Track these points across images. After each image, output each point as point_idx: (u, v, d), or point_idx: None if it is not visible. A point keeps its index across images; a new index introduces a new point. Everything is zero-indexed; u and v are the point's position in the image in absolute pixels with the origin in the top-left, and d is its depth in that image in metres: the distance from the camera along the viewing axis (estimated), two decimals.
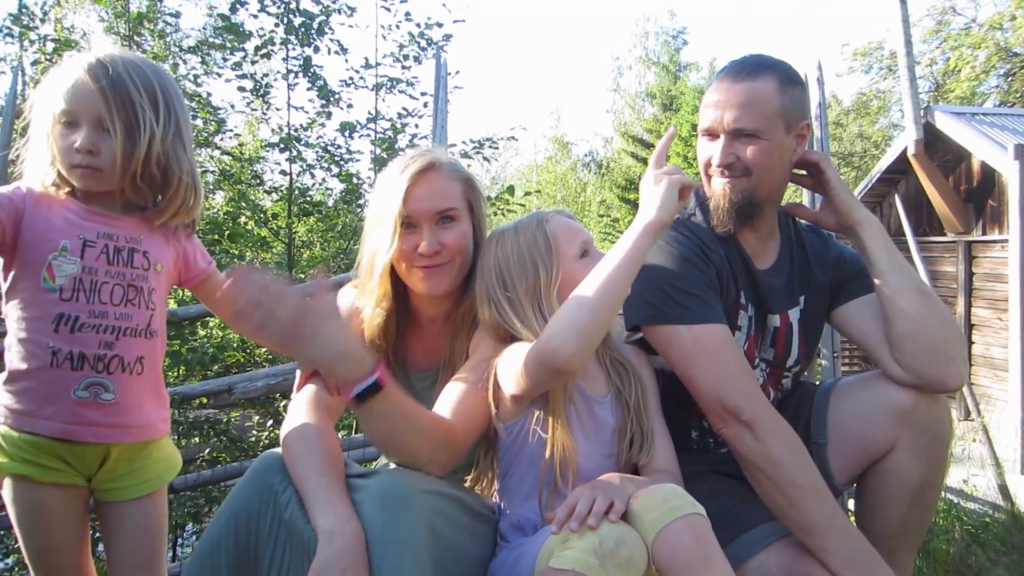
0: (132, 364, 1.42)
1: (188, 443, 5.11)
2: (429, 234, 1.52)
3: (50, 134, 1.34)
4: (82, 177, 1.36)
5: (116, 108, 1.32)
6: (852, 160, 21.28)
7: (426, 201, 1.52)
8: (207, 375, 4.91)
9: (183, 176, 1.44)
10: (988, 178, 8.49)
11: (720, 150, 1.58)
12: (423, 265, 1.53)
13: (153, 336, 1.47)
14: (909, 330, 1.53)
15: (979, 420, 5.10)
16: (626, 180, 21.84)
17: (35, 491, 1.38)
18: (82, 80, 1.30)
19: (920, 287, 1.57)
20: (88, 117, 1.32)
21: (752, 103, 1.54)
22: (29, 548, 1.41)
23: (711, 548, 1.17)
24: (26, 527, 1.41)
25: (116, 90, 1.32)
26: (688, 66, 23.43)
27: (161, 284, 1.49)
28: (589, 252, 1.50)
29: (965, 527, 3.35)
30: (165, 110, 1.37)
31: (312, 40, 5.60)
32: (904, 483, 1.57)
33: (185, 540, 4.42)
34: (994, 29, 16.03)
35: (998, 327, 8.40)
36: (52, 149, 1.35)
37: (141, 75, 1.35)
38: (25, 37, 5.19)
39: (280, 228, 5.92)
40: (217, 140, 5.94)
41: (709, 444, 1.74)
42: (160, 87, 1.38)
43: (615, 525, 1.17)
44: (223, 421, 5.19)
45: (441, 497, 1.32)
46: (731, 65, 1.62)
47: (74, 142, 1.31)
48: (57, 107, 1.32)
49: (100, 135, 1.33)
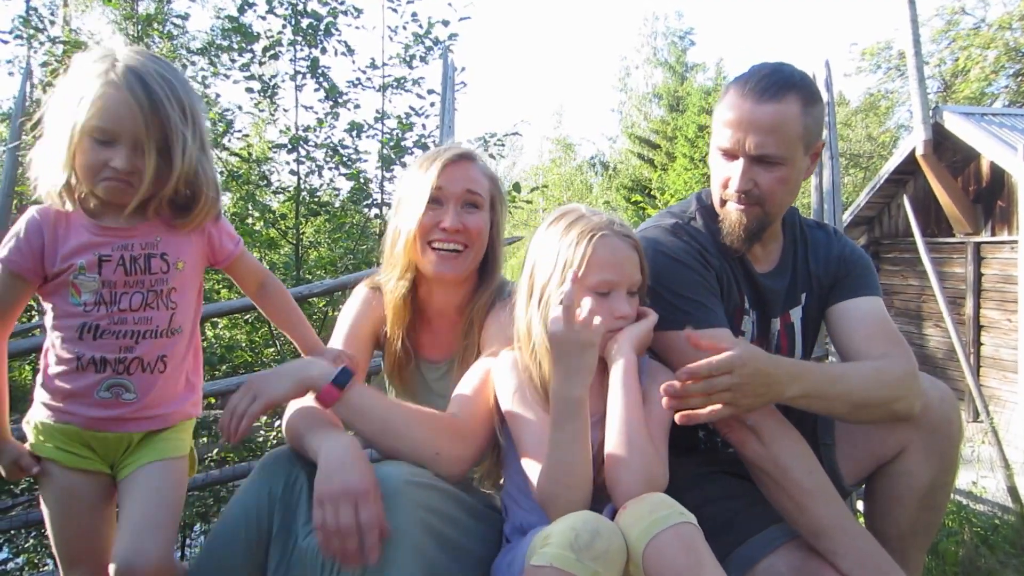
0: (153, 364, 1.48)
1: (196, 443, 5.14)
2: (454, 212, 1.60)
3: (74, 146, 1.32)
4: (109, 189, 1.36)
5: (154, 129, 1.32)
6: (860, 161, 21.20)
7: (457, 183, 1.62)
8: (215, 375, 4.93)
9: (208, 189, 1.47)
10: (997, 179, 8.44)
11: (740, 175, 1.54)
12: (440, 247, 1.60)
13: (175, 334, 1.50)
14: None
15: (988, 422, 5.07)
16: (632, 181, 21.80)
17: (63, 476, 1.49)
18: (120, 98, 1.28)
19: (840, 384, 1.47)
20: (127, 138, 1.31)
21: (776, 129, 1.49)
22: (55, 534, 1.50)
23: (703, 557, 1.15)
24: (54, 509, 1.50)
25: (155, 109, 1.30)
26: (695, 67, 23.37)
27: (186, 278, 1.51)
28: (612, 294, 1.43)
29: (974, 529, 3.33)
30: (193, 123, 1.37)
31: (319, 41, 5.62)
32: (914, 484, 1.56)
33: (193, 540, 4.44)
34: (1003, 29, 15.94)
35: (1007, 328, 8.35)
36: (74, 160, 1.34)
37: (172, 88, 1.34)
38: (35, 39, 5.22)
39: (288, 229, 5.93)
40: (225, 141, 5.96)
41: (716, 444, 1.74)
42: (187, 97, 1.38)
43: (591, 518, 1.17)
44: None
45: (433, 491, 1.32)
46: (753, 79, 1.53)
47: (108, 160, 1.31)
48: (88, 122, 1.30)
49: (138, 155, 1.33)
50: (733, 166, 1.55)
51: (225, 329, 6.35)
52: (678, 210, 1.75)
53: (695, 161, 17.82)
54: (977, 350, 8.82)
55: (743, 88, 1.53)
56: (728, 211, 1.61)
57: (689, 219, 1.70)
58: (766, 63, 1.58)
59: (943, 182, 8.61)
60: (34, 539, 4.69)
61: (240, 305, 4.56)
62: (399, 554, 1.20)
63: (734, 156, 1.55)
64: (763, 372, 1.32)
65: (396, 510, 1.22)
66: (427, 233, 1.60)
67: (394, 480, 1.25)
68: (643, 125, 24.52)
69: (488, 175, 1.69)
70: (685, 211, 1.73)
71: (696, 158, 17.81)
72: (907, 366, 1.51)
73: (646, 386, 1.44)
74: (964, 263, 8.97)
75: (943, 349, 9.27)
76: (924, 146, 8.43)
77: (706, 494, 1.58)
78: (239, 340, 6.50)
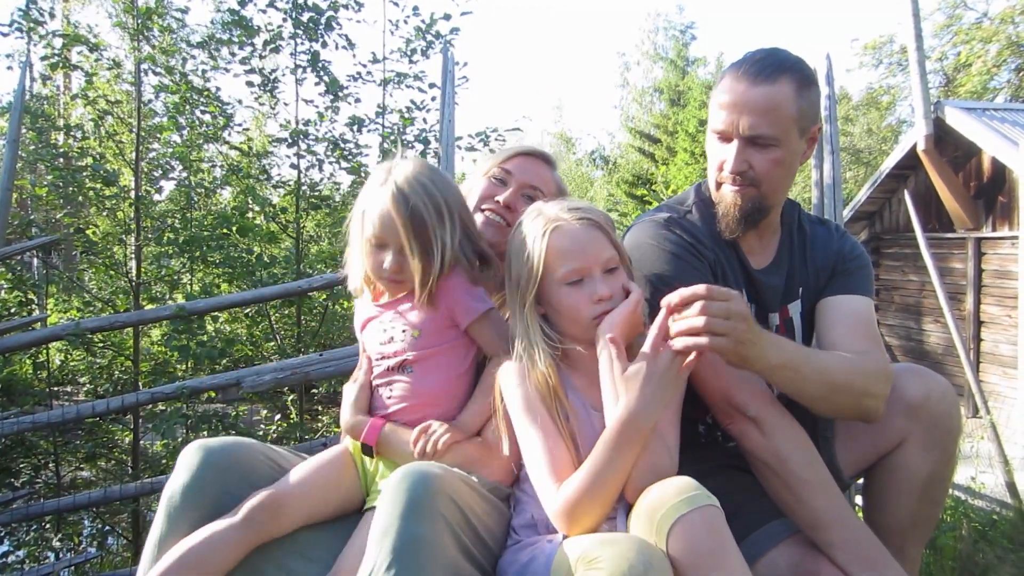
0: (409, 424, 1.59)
1: (196, 437, 5.15)
2: (513, 192, 1.73)
3: (364, 251, 1.58)
4: (389, 286, 1.63)
5: (415, 235, 1.52)
6: (861, 156, 21.16)
7: (524, 173, 1.77)
8: (215, 369, 4.94)
9: (464, 261, 1.60)
10: (998, 174, 8.43)
11: (734, 156, 1.54)
12: (489, 215, 1.73)
13: (420, 397, 1.59)
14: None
15: (987, 418, 5.08)
16: (633, 176, 21.76)
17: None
18: (388, 212, 1.52)
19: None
20: (393, 245, 1.55)
21: (770, 110, 1.50)
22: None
23: (726, 542, 1.16)
24: None
25: (415, 220, 1.51)
26: (696, 61, 23.29)
27: (424, 347, 1.59)
28: (585, 280, 1.42)
29: (972, 524, 3.34)
30: (450, 220, 1.55)
31: (320, 35, 5.61)
32: (913, 477, 1.57)
33: None
34: (1006, 23, 15.89)
35: (1007, 324, 8.35)
36: (364, 261, 1.60)
37: (431, 195, 1.53)
38: (35, 32, 5.21)
39: (288, 223, 5.93)
40: (225, 135, 5.96)
41: (717, 438, 1.74)
42: (444, 199, 1.55)
43: (644, 548, 1.15)
44: (231, 415, 5.23)
45: (458, 502, 1.31)
46: (747, 62, 1.55)
47: (382, 262, 1.55)
48: (368, 231, 1.55)
49: (404, 258, 1.55)
50: (728, 148, 1.56)
51: (226, 323, 6.35)
52: (674, 203, 1.75)
53: (696, 156, 17.76)
54: (977, 346, 8.82)
55: (738, 71, 1.54)
56: (723, 194, 1.61)
57: (685, 212, 1.70)
58: (762, 48, 1.58)
59: (944, 177, 8.59)
60: (35, 532, 4.71)
61: (240, 299, 4.57)
62: (428, 563, 1.19)
63: (728, 138, 1.56)
64: (753, 322, 1.32)
65: (427, 520, 1.21)
66: (483, 202, 1.74)
67: (427, 489, 1.24)
68: (644, 119, 24.46)
69: (559, 184, 1.82)
70: (682, 203, 1.73)
71: (697, 153, 17.75)
72: (884, 366, 1.51)
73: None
74: (965, 259, 8.97)
75: (943, 345, 9.27)
76: (925, 141, 8.41)
77: (708, 489, 1.58)
78: (239, 334, 6.51)
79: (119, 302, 6.22)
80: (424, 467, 1.28)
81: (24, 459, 5.09)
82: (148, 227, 5.86)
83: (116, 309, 6.03)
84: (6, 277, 5.24)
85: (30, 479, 5.10)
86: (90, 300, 6.44)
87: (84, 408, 3.54)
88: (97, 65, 5.66)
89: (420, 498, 1.21)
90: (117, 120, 5.98)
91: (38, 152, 5.90)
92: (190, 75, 5.84)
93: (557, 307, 1.45)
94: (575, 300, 1.42)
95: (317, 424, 6.42)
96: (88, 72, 5.57)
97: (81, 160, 5.74)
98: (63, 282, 7.34)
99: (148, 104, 5.98)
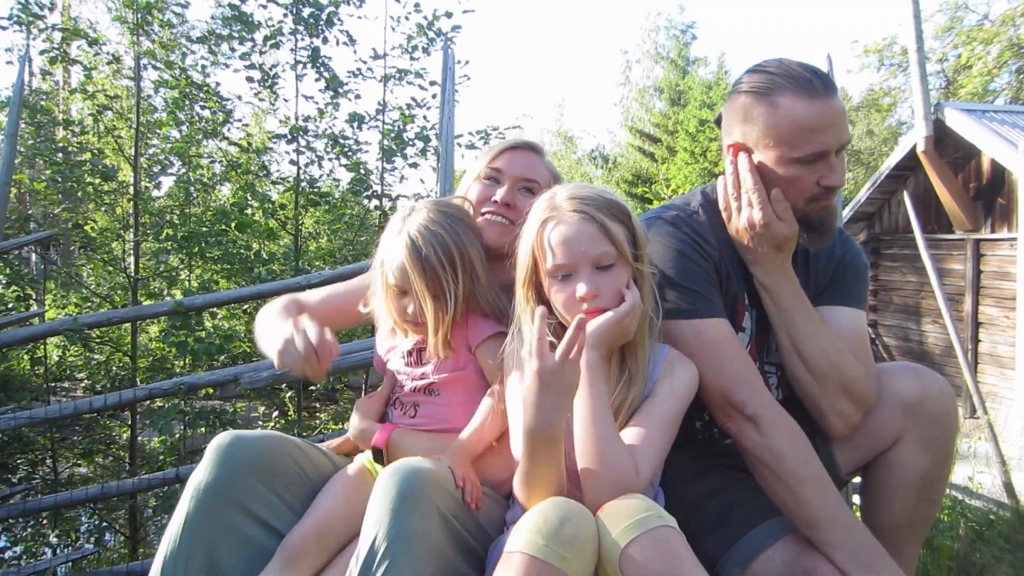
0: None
1: (194, 433, 5.15)
2: (507, 190, 1.72)
3: (388, 295, 1.65)
4: (415, 329, 1.67)
5: (428, 284, 1.58)
6: (861, 157, 21.16)
7: (516, 167, 1.75)
8: (213, 365, 4.94)
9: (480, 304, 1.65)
10: (998, 176, 8.43)
11: (841, 169, 1.53)
12: (489, 217, 1.71)
13: (445, 422, 1.63)
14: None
15: (985, 418, 5.09)
16: (632, 175, 21.78)
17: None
18: (401, 262, 1.59)
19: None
20: (411, 291, 1.61)
21: (845, 116, 1.54)
22: None
23: (682, 563, 1.11)
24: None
25: (424, 269, 1.57)
26: (696, 61, 23.29)
27: (449, 369, 1.64)
28: (572, 276, 1.40)
29: (970, 524, 3.34)
30: (462, 267, 1.60)
31: (321, 31, 5.60)
32: (910, 476, 1.56)
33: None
34: (1007, 25, 15.89)
35: (1005, 325, 8.35)
36: (389, 307, 1.67)
37: (444, 247, 1.58)
38: (34, 26, 5.20)
39: (287, 219, 5.93)
40: (224, 131, 5.95)
41: (714, 435, 1.74)
42: (457, 248, 1.59)
43: (561, 503, 1.16)
44: (229, 411, 5.22)
45: (453, 494, 1.32)
46: (813, 80, 1.49)
47: (406, 307, 1.62)
48: (390, 279, 1.63)
49: (420, 303, 1.61)
50: (824, 165, 1.52)
51: (224, 319, 6.36)
52: (680, 203, 1.75)
53: (695, 155, 17.77)
54: (975, 347, 8.83)
55: (809, 90, 1.48)
56: (826, 208, 1.59)
57: (692, 212, 1.69)
58: (790, 62, 1.54)
59: (944, 179, 8.59)
60: (32, 528, 4.71)
61: (239, 295, 4.57)
62: (419, 555, 1.20)
63: (823, 156, 1.51)
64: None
65: (418, 512, 1.22)
66: (480, 205, 1.73)
67: (417, 482, 1.24)
68: (644, 119, 24.45)
69: (551, 169, 1.81)
70: (688, 203, 1.72)
71: (696, 152, 17.76)
72: (869, 380, 1.56)
73: (657, 377, 1.42)
74: (963, 260, 8.97)
75: (941, 345, 9.28)
76: (925, 142, 8.40)
77: (705, 488, 1.58)
78: (237, 330, 6.51)
79: (117, 298, 6.22)
80: (415, 462, 1.28)
81: (21, 455, 5.09)
82: (147, 223, 5.86)
83: (114, 305, 6.03)
84: (4, 272, 5.24)
85: (27, 475, 5.10)
86: (88, 296, 6.44)
87: (81, 404, 3.53)
88: (96, 60, 5.65)
89: (410, 491, 1.22)
90: (116, 115, 5.98)
91: (37, 147, 5.90)
92: (190, 70, 5.84)
93: (550, 298, 1.44)
94: (563, 296, 1.41)
95: (315, 420, 6.43)
96: (87, 67, 5.56)
97: (80, 155, 5.74)
98: (61, 277, 7.34)
99: (147, 99, 5.98)
